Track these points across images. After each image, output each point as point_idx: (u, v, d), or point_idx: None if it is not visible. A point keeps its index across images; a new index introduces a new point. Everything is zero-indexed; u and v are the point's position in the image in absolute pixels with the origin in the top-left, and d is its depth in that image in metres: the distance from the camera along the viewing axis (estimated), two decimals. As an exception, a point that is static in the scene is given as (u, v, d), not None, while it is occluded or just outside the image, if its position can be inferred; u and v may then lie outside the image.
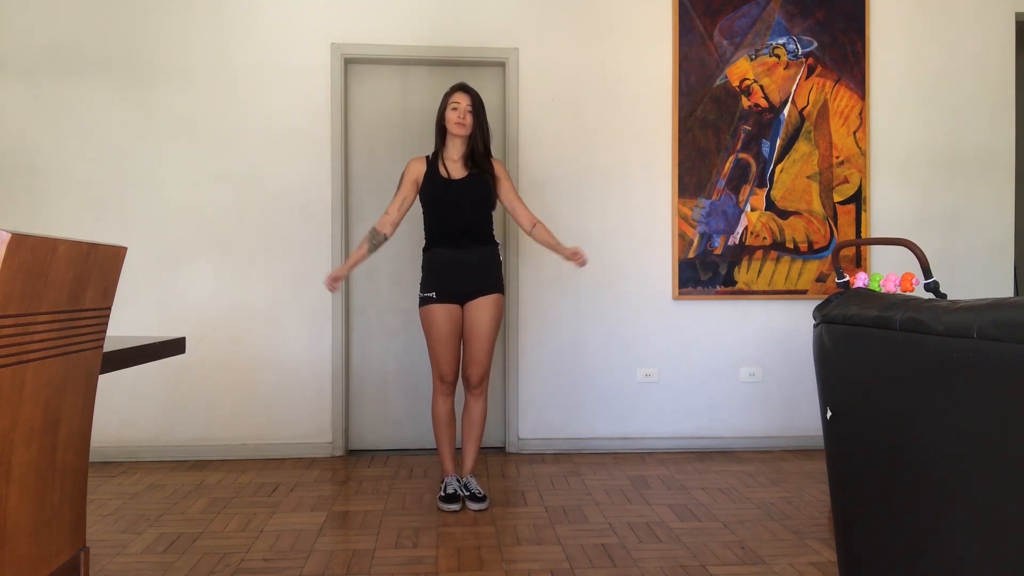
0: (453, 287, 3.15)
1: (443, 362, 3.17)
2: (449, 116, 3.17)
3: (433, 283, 3.17)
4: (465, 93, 3.19)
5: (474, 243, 3.19)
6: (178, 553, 2.65)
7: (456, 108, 3.16)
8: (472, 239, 3.18)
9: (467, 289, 3.16)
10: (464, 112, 3.16)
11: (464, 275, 3.16)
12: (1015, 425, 1.13)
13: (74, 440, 1.34)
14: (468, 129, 3.17)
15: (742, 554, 2.62)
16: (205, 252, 3.97)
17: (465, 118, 3.16)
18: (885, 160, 4.26)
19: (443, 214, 3.19)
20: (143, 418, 3.94)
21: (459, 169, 3.21)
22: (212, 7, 3.97)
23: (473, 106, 3.18)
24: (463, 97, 3.18)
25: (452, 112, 3.17)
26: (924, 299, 1.43)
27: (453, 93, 3.20)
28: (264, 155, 3.99)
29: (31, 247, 1.11)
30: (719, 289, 4.15)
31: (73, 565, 1.37)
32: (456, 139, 3.21)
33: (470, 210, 3.17)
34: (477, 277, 3.17)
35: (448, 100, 3.20)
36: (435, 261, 3.20)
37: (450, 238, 3.18)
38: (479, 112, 3.20)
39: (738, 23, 4.15)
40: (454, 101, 3.18)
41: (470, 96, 3.19)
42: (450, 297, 3.16)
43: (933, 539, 1.34)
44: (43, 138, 3.90)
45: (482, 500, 3.13)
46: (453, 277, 3.15)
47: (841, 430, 1.67)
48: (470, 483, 3.20)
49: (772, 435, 4.19)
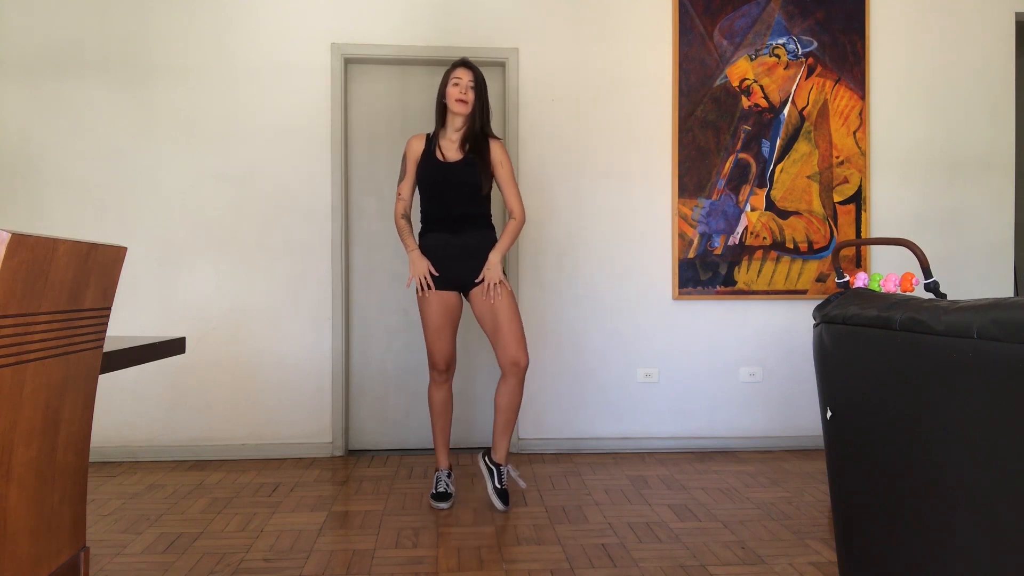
0: (449, 273, 3.09)
1: (434, 349, 3.11)
2: (450, 92, 3.06)
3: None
4: (467, 68, 3.08)
5: (468, 227, 3.11)
6: (178, 553, 2.65)
7: (458, 83, 3.05)
8: (466, 223, 3.11)
9: (465, 273, 3.09)
10: (466, 88, 3.05)
11: (460, 260, 3.09)
12: (1015, 425, 1.13)
13: (74, 440, 1.34)
14: (469, 107, 3.06)
15: (742, 554, 2.62)
16: (205, 252, 3.97)
17: (467, 94, 3.04)
18: (885, 160, 4.26)
19: (436, 197, 3.11)
20: (143, 418, 3.94)
21: (455, 151, 3.11)
22: (212, 7, 3.97)
23: (476, 82, 3.07)
24: (465, 72, 3.06)
25: (453, 88, 3.05)
26: (924, 299, 1.43)
27: (455, 69, 3.08)
28: (264, 155, 3.99)
29: (31, 247, 1.11)
30: (719, 289, 4.15)
31: (73, 565, 1.37)
32: (456, 117, 3.10)
33: (463, 195, 3.09)
34: (474, 261, 3.09)
35: (449, 76, 3.08)
36: (431, 246, 3.12)
37: (444, 222, 3.11)
38: (481, 90, 3.09)
39: (738, 23, 4.15)
40: (456, 76, 3.06)
41: (472, 72, 3.08)
42: (446, 283, 3.10)
43: (933, 539, 1.34)
44: (43, 138, 3.90)
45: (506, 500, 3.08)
46: (448, 262, 3.09)
47: (841, 430, 1.67)
48: (505, 474, 3.12)
49: (772, 435, 4.19)
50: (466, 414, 4.11)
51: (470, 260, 3.10)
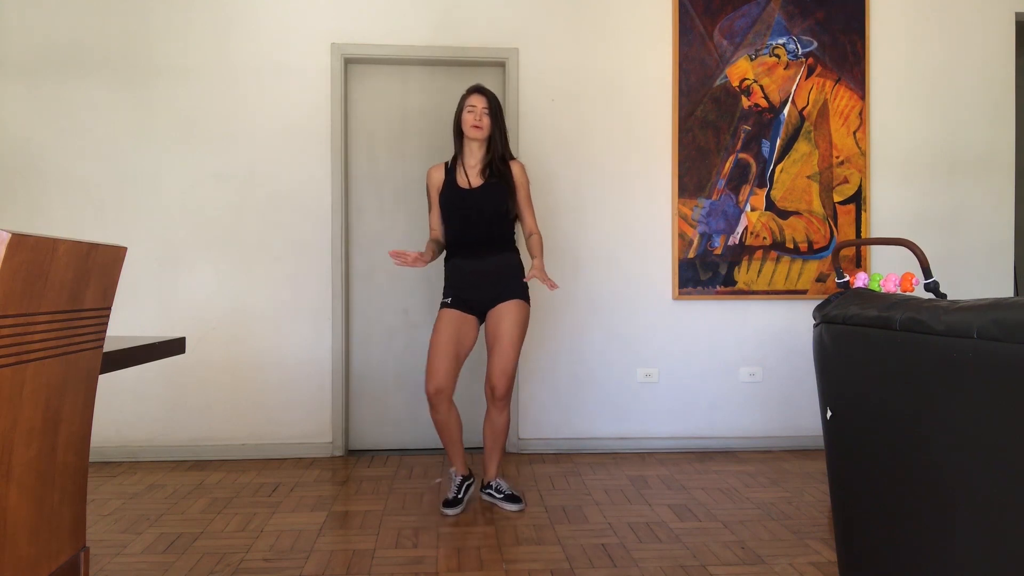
0: (470, 296, 3.12)
1: (431, 367, 3.05)
2: (465, 119, 3.12)
3: (449, 290, 3.17)
4: (481, 95, 3.13)
5: (492, 252, 3.14)
6: (178, 553, 2.65)
7: (472, 111, 3.11)
8: (490, 248, 3.14)
9: (485, 298, 3.12)
10: (480, 114, 3.11)
11: (482, 285, 3.12)
12: (1015, 425, 1.13)
13: (74, 440, 1.34)
14: (485, 131, 3.12)
15: (742, 554, 2.62)
16: (205, 252, 3.97)
17: (481, 120, 3.10)
18: (885, 160, 4.26)
19: (460, 224, 3.15)
20: (143, 418, 3.94)
21: (477, 176, 3.16)
22: (212, 7, 3.97)
23: (490, 108, 3.12)
24: (479, 99, 3.12)
25: (468, 115, 3.12)
26: (924, 299, 1.43)
27: (469, 95, 3.15)
28: (264, 155, 3.99)
29: (31, 247, 1.11)
30: (719, 289, 4.15)
31: (73, 565, 1.37)
32: (473, 143, 3.16)
33: (487, 220, 3.13)
34: (495, 287, 3.12)
35: (464, 103, 3.15)
36: (454, 271, 3.17)
37: (468, 247, 3.15)
38: (496, 114, 3.14)
39: (738, 23, 4.15)
40: (470, 104, 3.12)
41: (486, 97, 3.13)
42: (466, 306, 3.13)
43: (933, 539, 1.34)
44: (43, 138, 3.90)
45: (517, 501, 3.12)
46: (470, 287, 3.12)
47: (841, 430, 1.67)
48: (500, 485, 3.18)
49: (772, 435, 4.19)
50: (467, 415, 4.11)
51: (491, 286, 3.13)
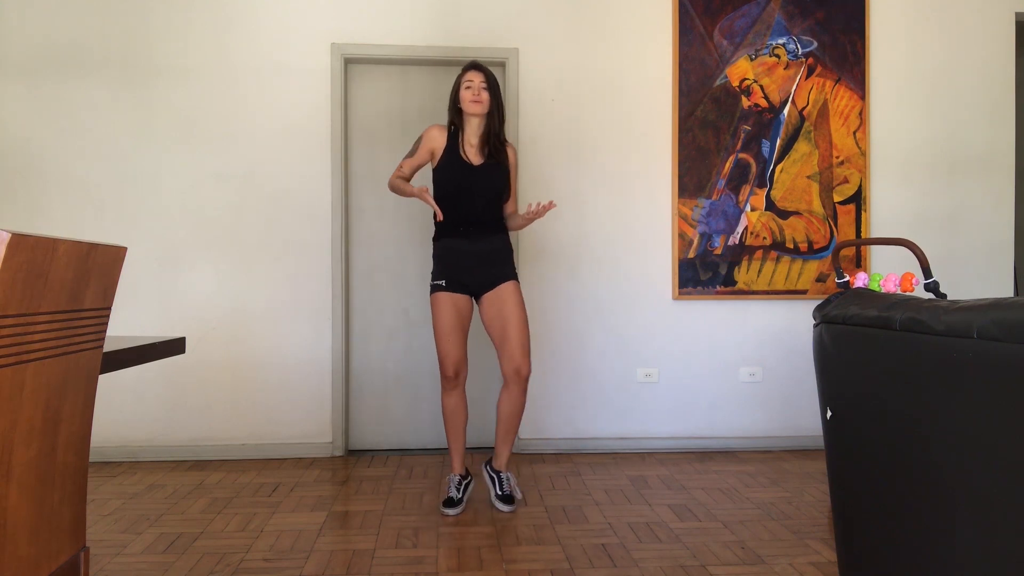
0: (464, 277, 3.09)
1: (445, 353, 3.08)
2: (464, 95, 3.08)
3: (442, 272, 3.11)
4: (478, 71, 3.10)
5: (485, 233, 3.12)
6: (178, 553, 2.65)
7: (470, 86, 3.07)
8: (483, 228, 3.11)
9: (478, 280, 3.10)
10: (479, 89, 3.06)
11: (475, 266, 3.09)
12: (1015, 425, 1.13)
13: (74, 440, 1.34)
14: (485, 106, 3.07)
15: (742, 554, 2.62)
16: (205, 252, 3.97)
17: (480, 95, 3.06)
18: (885, 160, 4.26)
19: (457, 201, 3.09)
20: (143, 418, 3.94)
21: (476, 154, 3.12)
22: (212, 7, 3.97)
23: (488, 83, 3.09)
24: (476, 75, 3.08)
25: (466, 91, 3.07)
26: (924, 299, 1.43)
27: (465, 72, 3.10)
28: (264, 155, 3.99)
29: (31, 247, 1.11)
30: (719, 289, 4.15)
31: (73, 565, 1.37)
32: (473, 119, 3.11)
33: (484, 200, 3.10)
34: (489, 268, 3.11)
35: (461, 80, 3.10)
36: (446, 251, 3.12)
37: (461, 227, 3.10)
38: (495, 90, 3.11)
39: (738, 23, 4.15)
40: (467, 80, 3.08)
41: (483, 73, 3.10)
42: (460, 287, 3.10)
43: (933, 539, 1.34)
44: (43, 138, 3.90)
45: (510, 502, 3.09)
46: (464, 268, 3.09)
47: (841, 430, 1.67)
48: (505, 480, 3.15)
49: (772, 435, 4.19)
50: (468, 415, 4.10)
51: (484, 267, 3.11)
